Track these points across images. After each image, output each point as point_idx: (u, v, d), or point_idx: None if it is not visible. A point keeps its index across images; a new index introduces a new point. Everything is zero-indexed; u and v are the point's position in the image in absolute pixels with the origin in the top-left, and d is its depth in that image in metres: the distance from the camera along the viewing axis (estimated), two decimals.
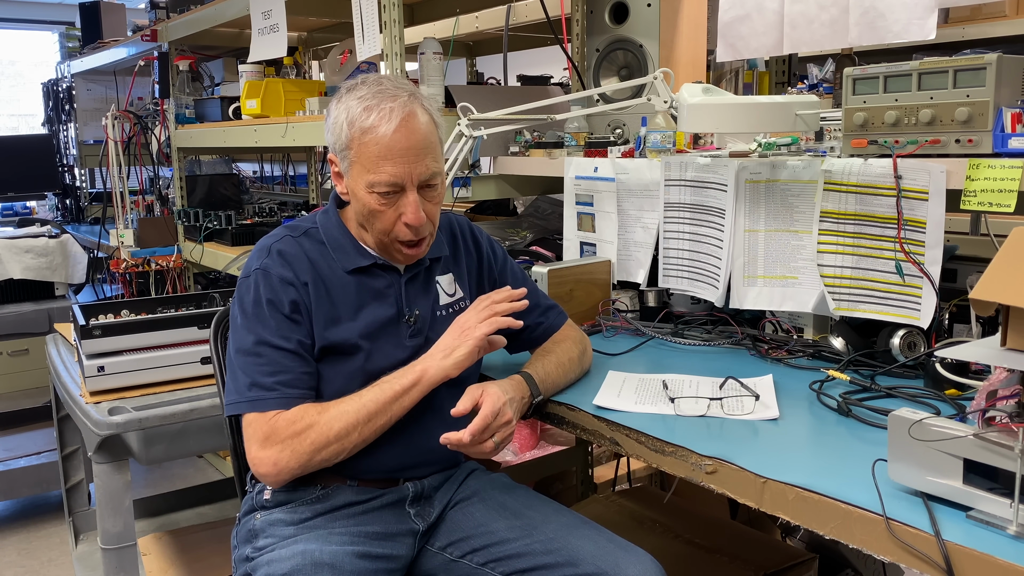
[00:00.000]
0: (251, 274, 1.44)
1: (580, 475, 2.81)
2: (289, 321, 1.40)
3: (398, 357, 1.46)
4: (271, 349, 1.37)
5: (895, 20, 1.70)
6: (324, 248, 1.48)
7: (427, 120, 1.42)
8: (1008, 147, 1.36)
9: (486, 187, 2.36)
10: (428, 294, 1.53)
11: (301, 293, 1.42)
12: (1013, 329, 0.98)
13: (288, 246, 1.46)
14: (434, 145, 1.42)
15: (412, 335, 1.49)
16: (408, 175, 1.39)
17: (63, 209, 5.39)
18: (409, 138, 1.38)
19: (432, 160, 1.41)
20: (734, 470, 1.15)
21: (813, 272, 1.66)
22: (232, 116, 3.24)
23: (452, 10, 3.07)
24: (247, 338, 1.39)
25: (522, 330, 1.62)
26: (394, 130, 1.37)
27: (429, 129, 1.42)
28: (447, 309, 1.55)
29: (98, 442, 1.97)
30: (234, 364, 1.41)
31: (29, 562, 3.08)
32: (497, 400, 1.36)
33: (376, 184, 1.39)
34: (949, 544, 0.91)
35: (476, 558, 1.43)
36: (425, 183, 1.41)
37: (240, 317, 1.42)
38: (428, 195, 1.43)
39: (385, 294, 1.48)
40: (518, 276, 1.67)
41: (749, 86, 2.43)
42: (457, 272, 1.59)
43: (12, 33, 9.27)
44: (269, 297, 1.40)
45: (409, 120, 1.39)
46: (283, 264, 1.43)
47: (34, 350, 3.68)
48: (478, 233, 1.66)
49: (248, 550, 1.41)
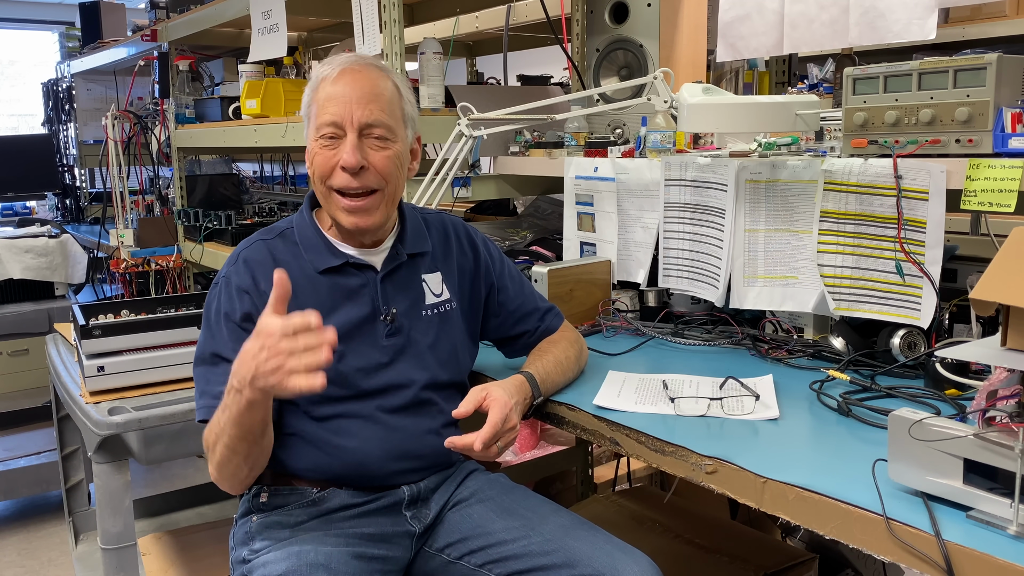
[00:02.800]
0: (218, 282, 1.44)
1: (580, 475, 2.81)
2: (240, 331, 1.36)
3: (375, 358, 1.44)
4: (224, 361, 1.36)
5: (895, 20, 1.70)
6: (297, 249, 1.46)
7: (383, 77, 1.42)
8: (1008, 147, 1.36)
9: (486, 187, 2.36)
10: (410, 291, 1.50)
11: (257, 302, 1.38)
12: (1013, 329, 0.98)
13: (255, 252, 1.45)
14: (387, 99, 1.40)
15: (390, 334, 1.45)
16: (348, 114, 1.37)
17: (63, 209, 5.39)
18: (356, 82, 1.39)
19: (379, 109, 1.39)
20: (734, 470, 1.15)
21: (813, 272, 1.66)
22: (232, 116, 3.24)
23: (452, 10, 3.07)
24: (205, 348, 1.41)
25: (521, 335, 1.62)
26: (340, 72, 1.39)
27: (383, 83, 1.41)
28: (433, 309, 1.51)
29: (98, 442, 1.97)
30: (195, 371, 1.42)
31: (29, 562, 3.08)
32: (504, 406, 1.35)
33: (320, 126, 1.38)
34: (949, 544, 0.91)
35: (474, 559, 1.42)
36: (369, 128, 1.38)
37: (204, 325, 1.44)
38: (374, 145, 1.40)
39: (359, 293, 1.45)
40: (516, 280, 1.65)
41: (749, 86, 2.43)
42: (446, 271, 1.55)
43: (12, 33, 9.27)
44: (225, 310, 1.40)
45: (360, 70, 1.40)
46: (245, 271, 1.42)
47: (34, 350, 3.67)
48: (474, 234, 1.63)
49: (244, 552, 1.40)
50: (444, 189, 2.05)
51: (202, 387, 1.39)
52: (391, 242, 1.51)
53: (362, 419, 1.42)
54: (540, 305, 1.64)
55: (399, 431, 1.44)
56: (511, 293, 1.61)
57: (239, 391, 1.20)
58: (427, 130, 2.27)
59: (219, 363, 1.37)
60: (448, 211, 1.68)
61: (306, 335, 1.15)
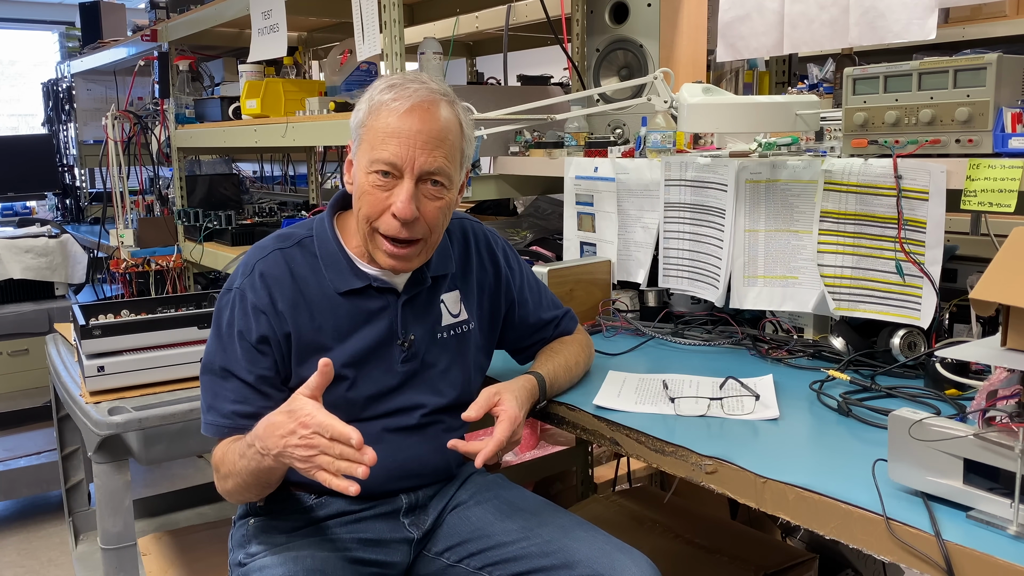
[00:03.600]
0: (232, 291, 1.38)
1: (580, 475, 2.81)
2: (256, 352, 1.34)
3: (388, 383, 1.40)
4: (234, 378, 1.35)
5: (895, 20, 1.70)
6: (316, 263, 1.39)
7: (451, 116, 1.33)
8: (1008, 147, 1.36)
9: (486, 187, 2.35)
10: (428, 316, 1.44)
11: (274, 324, 1.34)
12: (1013, 329, 0.98)
13: (272, 266, 1.37)
14: (451, 143, 1.32)
15: (405, 360, 1.41)
16: (411, 159, 1.28)
17: (63, 209, 5.39)
18: (423, 121, 1.29)
19: (443, 156, 1.31)
20: (734, 470, 1.15)
21: (813, 272, 1.66)
22: (232, 116, 3.24)
23: (452, 10, 3.07)
24: (215, 358, 1.37)
25: (535, 343, 1.59)
26: (409, 108, 1.29)
27: (450, 125, 1.32)
28: (449, 331, 1.46)
29: (98, 442, 1.96)
30: (201, 379, 1.39)
31: (29, 562, 3.08)
32: (513, 421, 1.31)
33: (376, 161, 1.29)
34: (949, 544, 0.91)
35: (473, 562, 1.41)
36: (428, 176, 1.31)
37: (214, 333, 1.39)
38: (430, 193, 1.32)
39: (379, 316, 1.40)
40: (535, 292, 1.59)
41: (749, 86, 2.43)
42: (465, 290, 1.49)
43: (12, 33, 9.27)
44: (240, 328, 1.35)
45: (429, 106, 1.30)
46: (262, 288, 1.35)
47: (34, 350, 3.67)
48: (494, 243, 1.56)
49: (241, 555, 1.40)
50: None
51: (210, 401, 1.36)
52: None
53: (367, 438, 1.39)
54: (557, 313, 1.61)
55: (404, 451, 1.42)
56: (531, 307, 1.58)
57: (262, 455, 1.21)
58: None
59: (229, 378, 1.35)
60: (468, 216, 1.59)
61: (344, 447, 1.13)
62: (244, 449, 1.26)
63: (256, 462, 1.23)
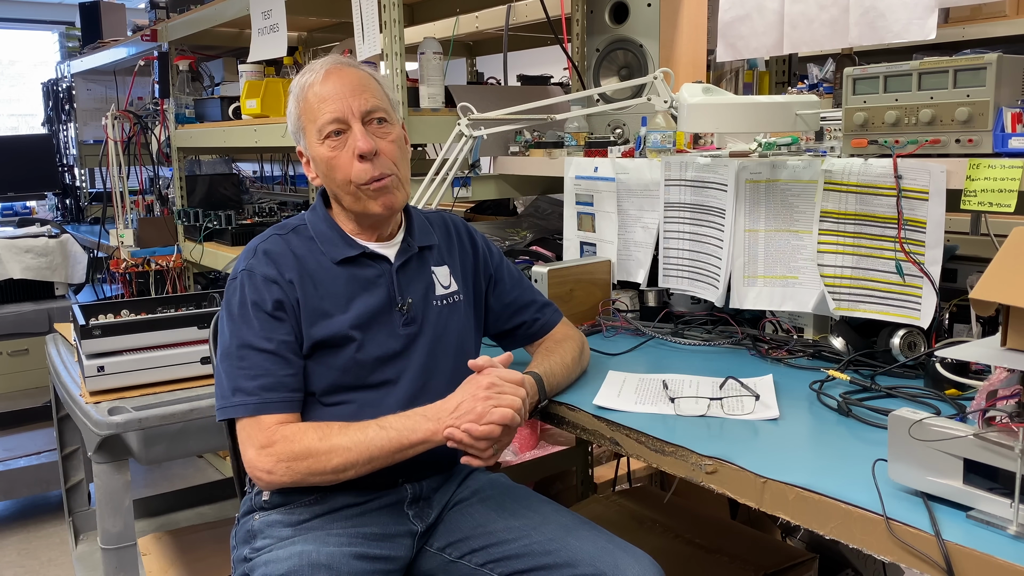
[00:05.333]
0: (238, 275, 1.45)
1: (580, 475, 2.81)
2: (272, 319, 1.39)
3: (391, 347, 1.46)
4: (253, 352, 1.37)
5: (895, 20, 1.70)
6: (312, 243, 1.49)
7: (363, 71, 1.47)
8: (1008, 147, 1.36)
9: (486, 187, 2.36)
10: (422, 283, 1.52)
11: (286, 290, 1.41)
12: (1013, 329, 0.98)
13: (274, 245, 1.47)
14: (374, 87, 1.45)
15: (406, 323, 1.48)
16: (348, 107, 1.41)
17: (63, 209, 5.39)
18: (341, 78, 1.43)
19: (373, 96, 1.44)
20: (734, 470, 1.15)
21: (813, 272, 1.66)
22: (232, 116, 3.24)
23: (452, 10, 3.08)
24: (231, 341, 1.40)
25: (518, 326, 1.63)
26: (326, 73, 1.44)
27: (363, 75, 1.46)
28: (443, 300, 1.54)
29: (98, 442, 1.96)
30: (219, 368, 1.42)
31: (29, 562, 3.08)
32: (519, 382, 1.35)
33: (323, 127, 1.42)
34: (949, 544, 0.91)
35: (475, 559, 1.43)
36: (370, 116, 1.43)
37: (226, 319, 1.43)
38: (378, 132, 1.44)
39: (376, 283, 1.48)
40: (514, 274, 1.67)
41: (749, 86, 2.43)
42: (452, 265, 1.58)
43: (12, 33, 9.26)
44: (253, 298, 1.40)
45: (342, 67, 1.46)
46: (268, 263, 1.44)
47: (34, 350, 3.68)
48: (473, 231, 1.66)
49: (246, 551, 1.41)
50: (444, 189, 2.05)
51: (233, 383, 1.37)
52: (401, 235, 1.54)
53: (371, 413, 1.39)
54: (537, 299, 1.66)
55: None
56: (508, 286, 1.64)
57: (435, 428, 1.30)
58: (427, 130, 2.27)
59: (248, 354, 1.38)
60: (448, 211, 1.69)
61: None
62: (392, 423, 1.32)
63: (420, 437, 1.30)
